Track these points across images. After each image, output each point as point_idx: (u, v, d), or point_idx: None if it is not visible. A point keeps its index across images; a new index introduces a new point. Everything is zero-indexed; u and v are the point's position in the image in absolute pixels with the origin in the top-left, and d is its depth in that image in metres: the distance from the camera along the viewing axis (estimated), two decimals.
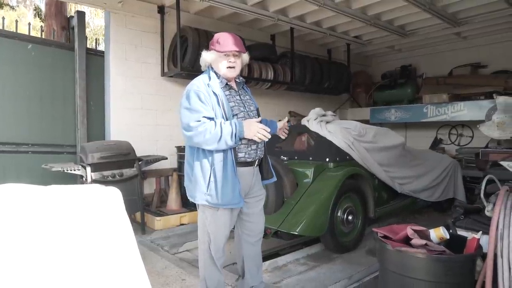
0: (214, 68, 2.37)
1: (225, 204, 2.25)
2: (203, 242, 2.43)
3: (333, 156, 3.92)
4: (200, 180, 2.25)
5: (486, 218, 2.58)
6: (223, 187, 2.22)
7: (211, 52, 2.35)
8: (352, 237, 3.86)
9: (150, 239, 4.19)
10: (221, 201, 2.23)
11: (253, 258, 2.59)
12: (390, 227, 2.28)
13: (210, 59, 2.36)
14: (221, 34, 2.38)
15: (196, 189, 2.28)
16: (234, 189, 2.23)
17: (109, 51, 5.12)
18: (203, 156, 2.26)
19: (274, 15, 5.62)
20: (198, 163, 2.27)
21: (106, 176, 4.15)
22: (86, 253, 1.37)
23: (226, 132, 2.13)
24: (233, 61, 2.33)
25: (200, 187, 2.25)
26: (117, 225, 1.56)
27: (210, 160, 2.23)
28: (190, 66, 5.16)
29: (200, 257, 2.48)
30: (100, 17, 15.61)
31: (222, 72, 2.34)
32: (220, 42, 2.33)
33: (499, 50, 6.82)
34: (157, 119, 5.56)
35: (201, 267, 2.49)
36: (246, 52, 2.45)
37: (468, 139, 7.21)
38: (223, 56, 2.32)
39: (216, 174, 2.22)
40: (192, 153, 2.33)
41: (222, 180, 2.22)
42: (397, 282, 2.06)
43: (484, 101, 6.13)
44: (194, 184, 2.30)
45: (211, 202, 2.24)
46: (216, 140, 2.13)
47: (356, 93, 8.41)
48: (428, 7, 5.29)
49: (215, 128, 2.13)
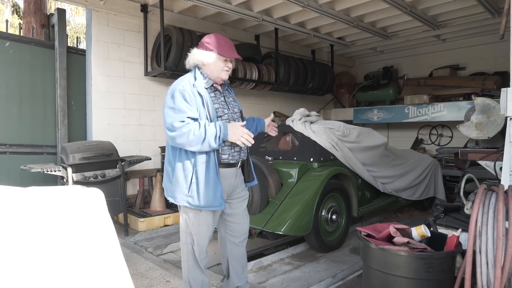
0: (205, 68, 2.32)
1: (207, 206, 2.22)
2: (186, 244, 2.40)
3: (317, 156, 3.95)
4: (181, 181, 2.22)
5: (465, 216, 2.65)
6: (205, 189, 2.19)
7: (211, 53, 2.28)
8: (336, 236, 3.90)
9: (134, 241, 4.13)
10: (202, 203, 2.21)
11: (238, 258, 2.59)
12: (373, 226, 2.32)
13: (207, 59, 2.29)
14: (220, 37, 2.35)
15: (177, 190, 2.25)
16: (216, 191, 2.21)
17: (90, 49, 5.03)
18: (186, 157, 2.22)
19: (259, 16, 5.63)
20: (180, 164, 2.23)
21: (88, 177, 4.07)
22: (68, 256, 1.34)
23: (210, 134, 2.11)
24: (230, 67, 2.33)
25: (181, 188, 2.22)
26: (100, 227, 1.53)
27: (193, 162, 2.20)
28: (174, 66, 5.11)
29: (183, 258, 2.45)
30: (81, 15, 15.30)
31: (215, 75, 2.31)
32: (222, 45, 2.29)
33: (477, 52, 7.03)
34: (141, 119, 5.49)
35: (184, 268, 2.46)
36: None
37: (448, 139, 7.40)
38: (222, 60, 2.29)
39: (198, 176, 2.20)
40: (174, 154, 2.29)
41: (205, 182, 2.19)
42: (380, 280, 2.09)
43: (463, 102, 6.31)
44: (175, 185, 2.26)
45: (192, 204, 2.22)
46: (200, 142, 2.11)
47: (340, 94, 8.51)
48: (409, 10, 5.40)
49: (199, 130, 2.10)
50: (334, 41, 7.15)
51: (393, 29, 6.59)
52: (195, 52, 2.33)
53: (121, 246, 2.99)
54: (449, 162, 6.14)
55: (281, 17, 5.85)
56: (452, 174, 5.71)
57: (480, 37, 6.79)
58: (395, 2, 5.11)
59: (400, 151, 5.23)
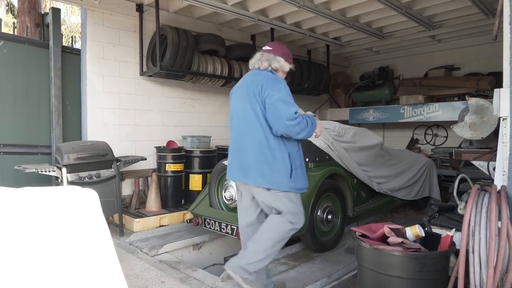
0: (279, 74, 2.69)
1: (303, 189, 2.60)
2: (283, 222, 2.53)
3: (313, 156, 3.96)
4: (284, 169, 2.49)
5: (459, 216, 2.66)
6: (302, 174, 2.57)
7: (289, 65, 2.72)
8: (331, 236, 3.91)
9: (129, 241, 4.12)
10: (301, 187, 2.56)
11: None
12: (368, 226, 2.33)
13: (286, 69, 2.71)
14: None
15: (279, 177, 2.48)
16: (305, 176, 2.62)
17: (85, 49, 5.00)
18: (286, 148, 2.52)
19: (254, 16, 5.63)
20: (283, 154, 2.50)
21: (83, 178, 4.05)
22: (61, 256, 1.33)
23: (311, 124, 2.51)
24: None
25: (285, 175, 2.48)
26: (94, 227, 1.53)
27: (292, 152, 2.54)
28: (170, 66, 5.10)
29: (276, 238, 2.53)
30: (76, 15, 15.22)
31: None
32: (292, 61, 2.76)
33: (471, 53, 7.07)
34: (136, 119, 5.47)
35: (271, 246, 2.53)
36: None
37: (443, 139, 7.43)
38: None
39: (296, 164, 2.54)
40: (278, 143, 2.50)
41: (300, 168, 2.56)
42: (375, 280, 2.10)
43: (457, 102, 6.34)
44: (276, 173, 2.48)
45: (294, 188, 2.52)
46: (308, 130, 2.47)
47: (336, 94, 8.52)
48: (405, 10, 5.42)
49: (306, 119, 2.47)
50: (330, 41, 7.17)
51: (388, 29, 6.61)
52: (281, 60, 2.67)
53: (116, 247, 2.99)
54: (444, 162, 6.17)
55: (277, 17, 5.85)
56: (447, 174, 5.74)
57: (474, 37, 6.82)
58: (391, 2, 5.13)
59: (395, 151, 5.25)
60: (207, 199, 4.14)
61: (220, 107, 6.53)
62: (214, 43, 5.70)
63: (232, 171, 2.72)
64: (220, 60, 5.80)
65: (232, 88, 2.82)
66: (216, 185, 4.04)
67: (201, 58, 5.56)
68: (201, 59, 5.55)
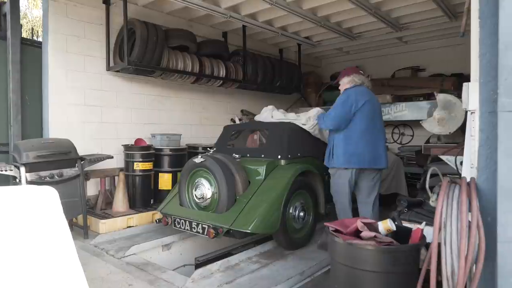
0: None
1: None
2: (340, 193, 3.68)
3: (285, 153, 3.94)
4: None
5: (427, 211, 2.72)
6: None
7: None
8: (304, 233, 3.91)
9: (94, 244, 3.93)
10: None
11: None
12: (341, 221, 2.32)
13: None
14: None
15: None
16: None
17: (47, 41, 4.73)
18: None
19: (226, 12, 5.55)
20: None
21: (44, 177, 3.83)
22: (18, 259, 1.22)
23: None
24: None
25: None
26: (53, 228, 1.42)
27: None
28: (138, 61, 4.93)
29: (337, 201, 3.76)
30: (39, 8, 14.51)
31: None
32: None
33: (436, 55, 7.34)
34: (102, 116, 5.24)
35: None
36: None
37: (409, 137, 7.66)
38: None
39: None
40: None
41: None
42: (348, 275, 2.09)
43: (423, 102, 6.53)
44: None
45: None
46: None
47: (307, 93, 8.59)
48: (374, 11, 5.54)
49: None
50: (301, 41, 7.21)
51: (358, 29, 6.74)
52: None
53: (80, 250, 2.83)
54: (411, 160, 6.36)
55: (249, 14, 5.80)
56: (413, 172, 5.91)
57: (439, 40, 7.09)
58: (361, 2, 5.22)
59: None
60: (177, 198, 4.03)
61: (191, 104, 6.41)
62: (185, 38, 5.57)
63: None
64: (191, 56, 5.67)
65: (360, 94, 3.57)
66: (186, 183, 3.94)
67: (171, 54, 5.41)
68: (171, 55, 5.40)
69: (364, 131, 3.47)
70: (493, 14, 1.52)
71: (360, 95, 3.55)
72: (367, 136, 3.47)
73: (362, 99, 3.50)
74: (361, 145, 3.44)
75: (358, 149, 3.44)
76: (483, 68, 1.60)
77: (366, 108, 3.50)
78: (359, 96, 3.53)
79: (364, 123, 3.47)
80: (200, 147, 5.45)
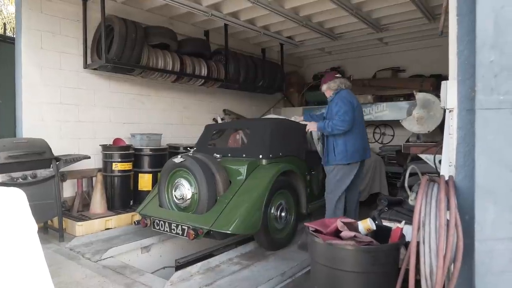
0: None
1: None
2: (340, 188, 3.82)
3: (266, 153, 3.90)
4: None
5: (407, 209, 2.73)
6: None
7: None
8: (285, 234, 3.88)
9: (69, 247, 3.79)
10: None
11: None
12: (322, 221, 2.30)
13: None
14: None
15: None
16: None
17: (20, 37, 4.55)
18: None
19: (208, 10, 5.48)
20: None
21: (16, 178, 3.67)
22: None
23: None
24: None
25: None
26: (19, 232, 1.33)
27: None
28: (117, 58, 4.80)
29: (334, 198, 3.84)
30: (14, 4, 14.05)
31: None
32: None
33: (416, 56, 7.45)
34: (79, 115, 5.09)
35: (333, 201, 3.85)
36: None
37: (390, 137, 7.76)
38: None
39: None
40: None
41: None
42: (328, 275, 2.07)
43: (403, 102, 6.64)
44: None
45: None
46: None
47: (289, 93, 8.60)
48: (355, 11, 5.57)
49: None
50: (283, 40, 7.20)
51: (340, 30, 6.78)
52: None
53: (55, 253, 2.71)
54: (391, 159, 6.44)
55: (231, 13, 5.75)
56: (394, 171, 5.98)
57: (418, 41, 7.20)
58: (342, 2, 5.24)
59: None
60: (156, 199, 3.93)
61: (172, 103, 6.30)
62: (165, 36, 5.47)
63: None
64: (171, 54, 5.57)
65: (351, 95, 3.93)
66: (166, 184, 3.85)
67: (151, 51, 5.30)
68: (151, 53, 5.29)
69: (360, 128, 3.91)
70: (471, 11, 1.51)
71: (352, 95, 3.95)
72: (362, 132, 3.94)
73: (355, 99, 3.94)
74: (359, 140, 3.84)
75: (357, 145, 3.80)
76: (461, 66, 1.60)
77: (359, 107, 3.95)
78: (352, 97, 3.94)
79: (359, 120, 3.90)
80: (181, 147, 5.36)
